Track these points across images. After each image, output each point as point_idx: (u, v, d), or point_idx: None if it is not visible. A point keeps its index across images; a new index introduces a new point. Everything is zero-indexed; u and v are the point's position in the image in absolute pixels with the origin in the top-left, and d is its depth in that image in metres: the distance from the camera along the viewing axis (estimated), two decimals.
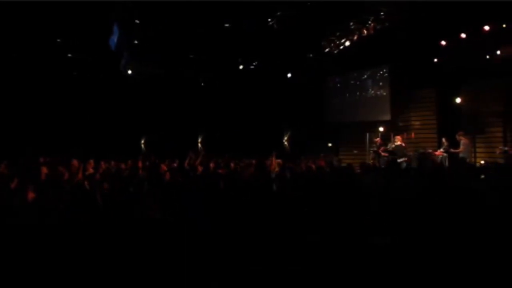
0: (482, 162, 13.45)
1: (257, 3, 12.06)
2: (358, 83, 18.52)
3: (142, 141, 20.38)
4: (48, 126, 15.31)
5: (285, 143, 20.55)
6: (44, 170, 7.34)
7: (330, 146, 19.15)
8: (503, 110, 13.96)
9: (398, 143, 14.08)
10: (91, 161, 9.32)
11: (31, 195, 5.38)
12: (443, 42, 13.96)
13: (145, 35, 13.87)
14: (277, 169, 9.36)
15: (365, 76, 18.16)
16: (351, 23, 14.07)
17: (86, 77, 16.21)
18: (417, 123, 16.65)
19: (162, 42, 14.67)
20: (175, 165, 10.11)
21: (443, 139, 13.41)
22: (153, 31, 13.76)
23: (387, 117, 17.06)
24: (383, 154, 14.31)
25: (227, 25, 13.73)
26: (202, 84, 19.22)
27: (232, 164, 10.15)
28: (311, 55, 16.88)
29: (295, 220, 5.52)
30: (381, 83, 17.51)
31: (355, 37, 14.45)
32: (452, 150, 12.75)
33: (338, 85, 19.39)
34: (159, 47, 15.06)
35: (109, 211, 5.39)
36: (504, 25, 12.36)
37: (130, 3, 11.91)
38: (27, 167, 7.66)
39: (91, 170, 8.59)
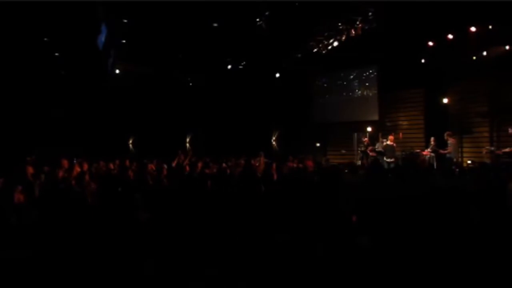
0: (469, 162, 13.56)
1: (245, 3, 12.05)
2: (345, 83, 18.58)
3: (130, 141, 20.28)
4: (35, 125, 15.14)
5: (274, 143, 20.56)
6: (30, 169, 7.27)
7: (318, 146, 19.17)
8: (489, 110, 14.07)
9: (390, 143, 13.96)
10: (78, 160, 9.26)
11: (18, 195, 5.33)
12: (430, 43, 14.06)
13: (133, 35, 13.80)
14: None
15: (353, 76, 18.24)
16: (339, 24, 14.12)
17: (74, 76, 16.05)
18: (405, 123, 16.76)
19: (150, 42, 14.60)
20: (164, 165, 10.06)
21: (431, 139, 13.44)
22: (142, 31, 13.69)
23: (375, 117, 17.17)
24: (371, 154, 14.34)
25: (215, 25, 13.70)
26: (190, 84, 19.17)
27: (224, 164, 10.12)
28: (299, 55, 16.89)
29: (282, 219, 5.52)
30: (367, 83, 17.63)
31: (343, 38, 14.51)
32: (441, 151, 12.78)
33: (326, 85, 19.43)
34: (147, 47, 14.99)
35: (99, 211, 5.35)
36: (490, 26, 12.47)
37: (119, 3, 11.85)
38: (14, 166, 7.58)
39: (77, 170, 8.52)
